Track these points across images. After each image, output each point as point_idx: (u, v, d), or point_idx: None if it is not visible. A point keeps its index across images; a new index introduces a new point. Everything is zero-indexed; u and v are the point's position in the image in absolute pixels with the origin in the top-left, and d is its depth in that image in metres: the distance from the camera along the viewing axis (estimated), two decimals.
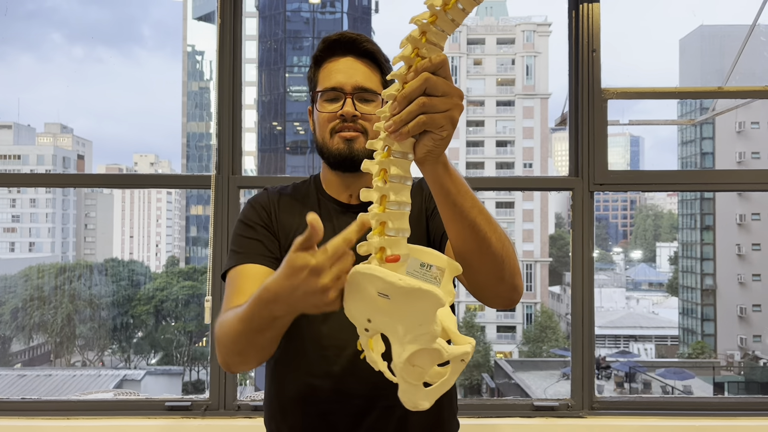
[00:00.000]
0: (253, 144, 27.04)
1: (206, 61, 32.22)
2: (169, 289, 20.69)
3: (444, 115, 0.82)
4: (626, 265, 42.39)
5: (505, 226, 34.72)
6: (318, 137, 1.25)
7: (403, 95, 0.81)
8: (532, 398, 2.19)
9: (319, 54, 1.25)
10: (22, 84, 70.12)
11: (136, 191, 33.36)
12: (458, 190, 0.92)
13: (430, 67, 0.80)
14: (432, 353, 0.80)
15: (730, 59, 2.62)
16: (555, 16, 39.82)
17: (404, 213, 0.83)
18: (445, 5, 0.77)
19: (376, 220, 0.83)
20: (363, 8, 30.85)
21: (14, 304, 19.82)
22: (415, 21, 0.79)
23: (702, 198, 30.08)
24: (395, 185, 0.83)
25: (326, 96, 1.22)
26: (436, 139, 0.83)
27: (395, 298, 0.78)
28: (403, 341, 0.80)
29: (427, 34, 0.79)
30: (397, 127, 0.82)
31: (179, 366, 19.94)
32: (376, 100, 1.22)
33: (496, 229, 0.96)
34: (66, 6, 73.49)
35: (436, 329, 0.78)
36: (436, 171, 0.89)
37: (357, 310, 0.83)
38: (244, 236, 1.24)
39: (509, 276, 1.00)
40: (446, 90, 0.81)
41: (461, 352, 0.82)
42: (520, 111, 37.39)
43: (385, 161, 0.83)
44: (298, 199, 1.29)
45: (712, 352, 26.44)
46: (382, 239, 0.82)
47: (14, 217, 28.96)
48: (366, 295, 0.81)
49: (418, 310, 0.78)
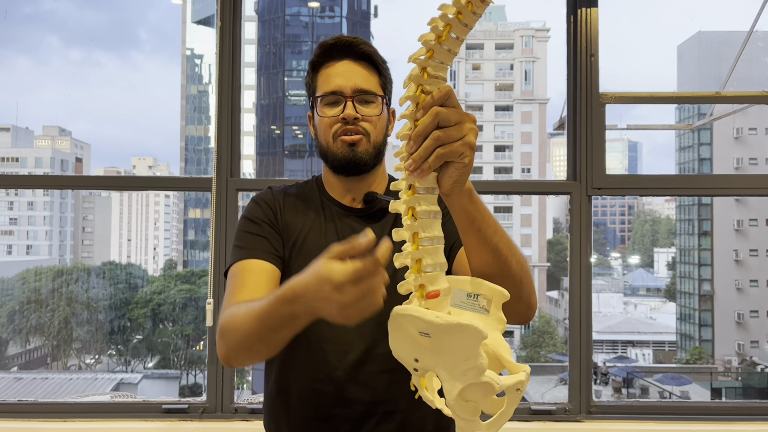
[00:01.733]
0: (251, 147, 27.04)
1: (205, 64, 32.22)
2: (166, 293, 20.64)
3: (461, 142, 0.83)
4: (624, 270, 42.39)
5: None
6: (321, 142, 1.24)
7: (416, 133, 0.82)
8: (530, 402, 2.19)
9: (317, 59, 1.25)
10: (21, 86, 70.12)
11: (134, 194, 33.35)
12: (482, 217, 0.95)
13: (437, 100, 0.82)
14: (483, 386, 0.79)
15: (727, 65, 2.62)
16: (553, 22, 39.95)
17: (438, 248, 0.84)
18: (438, 38, 0.79)
19: (412, 259, 0.83)
20: (362, 13, 30.90)
21: (11, 306, 19.77)
22: (413, 59, 0.81)
23: (700, 203, 30.13)
24: (425, 221, 0.83)
25: (326, 100, 1.22)
26: (459, 168, 0.85)
27: (436, 336, 0.78)
28: (452, 378, 0.80)
29: (428, 69, 0.81)
30: (418, 165, 0.83)
31: (176, 369, 19.88)
32: (375, 101, 1.23)
33: (515, 253, 1.00)
34: (64, 9, 73.59)
35: (482, 363, 0.78)
36: (462, 201, 0.91)
37: (403, 350, 0.83)
38: (248, 232, 1.23)
39: (526, 296, 1.03)
40: (458, 119, 0.83)
41: (515, 382, 0.81)
42: (518, 116, 37.48)
43: (411, 199, 0.84)
44: (303, 199, 1.29)
45: (710, 358, 26.43)
46: (420, 276, 0.83)
47: (11, 220, 28.91)
48: (408, 335, 0.81)
49: (461, 345, 0.78)
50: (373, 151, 1.22)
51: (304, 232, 1.24)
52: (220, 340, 1.07)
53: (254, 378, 15.24)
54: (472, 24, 0.80)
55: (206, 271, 4.27)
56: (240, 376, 4.29)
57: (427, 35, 0.80)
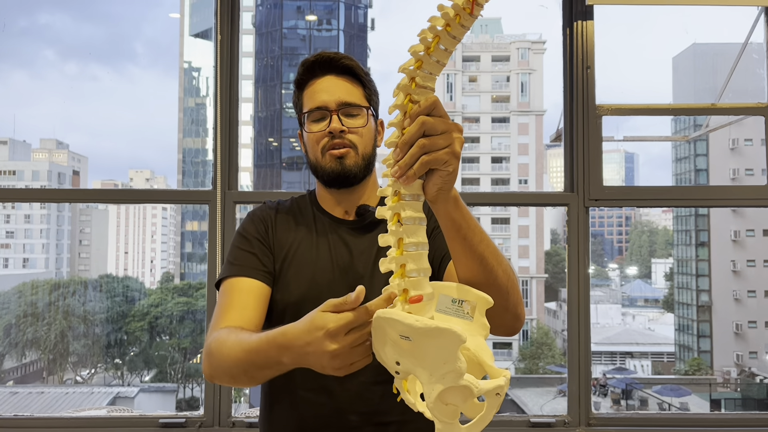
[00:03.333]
0: (249, 160, 27.08)
1: (203, 77, 32.32)
2: (163, 306, 20.56)
3: (446, 151, 0.85)
4: (622, 281, 42.38)
5: (501, 242, 34.74)
6: (311, 157, 1.27)
7: (403, 141, 0.85)
8: (529, 415, 2.18)
9: (301, 78, 1.28)
10: (18, 100, 70.23)
11: (131, 207, 33.27)
12: (468, 225, 0.96)
13: (424, 110, 0.84)
14: (462, 390, 0.80)
15: (722, 77, 2.64)
16: (549, 34, 40.18)
17: (422, 253, 0.86)
18: (427, 49, 0.81)
19: (396, 264, 0.85)
20: (359, 26, 31.07)
21: (7, 320, 19.67)
22: (402, 70, 0.84)
23: (697, 214, 30.18)
24: (409, 227, 0.86)
25: (313, 116, 1.24)
26: (444, 175, 0.87)
27: (416, 340, 0.80)
28: (431, 381, 0.81)
29: (416, 79, 0.83)
30: (403, 172, 0.85)
31: (173, 383, 19.77)
32: (361, 113, 1.24)
33: (501, 262, 1.00)
34: (60, 23, 73.90)
35: (460, 366, 0.79)
36: (447, 207, 0.92)
37: (385, 353, 0.85)
38: (240, 248, 1.25)
39: (513, 306, 1.03)
40: (444, 128, 0.84)
41: (494, 386, 0.81)
42: (515, 127, 37.60)
43: (396, 206, 0.87)
44: (295, 214, 1.31)
45: (709, 369, 26.37)
46: (404, 281, 0.85)
47: (8, 233, 28.83)
48: (390, 338, 0.82)
49: (440, 349, 0.79)
50: (362, 163, 1.24)
51: (295, 245, 1.26)
52: (207, 359, 1.10)
53: (251, 391, 15.15)
54: (461, 36, 0.81)
55: (203, 284, 4.22)
56: (237, 390, 4.30)
57: (416, 46, 0.82)
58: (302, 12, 30.21)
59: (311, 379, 1.19)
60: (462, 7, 0.79)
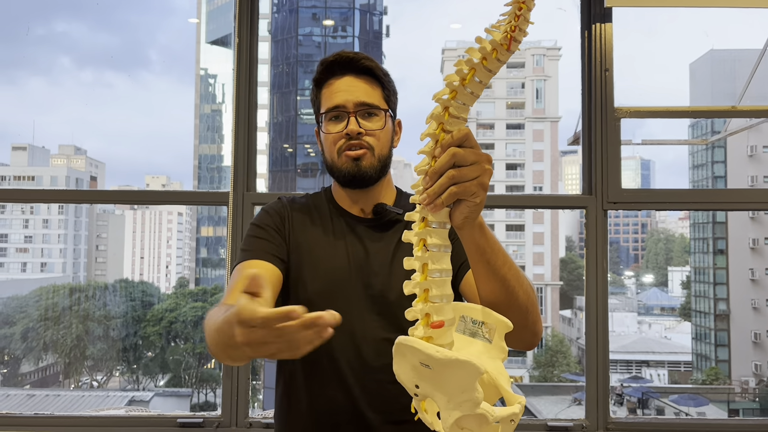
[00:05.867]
0: (264, 166, 27.21)
1: (218, 84, 32.57)
2: (178, 310, 20.68)
3: (474, 182, 0.86)
4: (638, 289, 41.99)
5: (515, 249, 34.57)
6: (327, 157, 1.27)
7: (433, 170, 0.86)
8: (546, 419, 2.17)
9: (319, 76, 1.28)
10: (36, 106, 71.19)
11: (147, 212, 33.54)
12: (492, 249, 0.99)
13: (455, 141, 0.86)
14: (478, 418, 0.83)
15: (740, 83, 2.62)
16: (565, 40, 40.03)
17: (446, 280, 0.87)
18: (462, 80, 0.83)
19: (420, 288, 0.87)
20: (374, 32, 31.17)
21: (25, 324, 19.88)
22: (436, 99, 0.86)
23: (714, 222, 29.85)
24: (435, 254, 0.87)
25: (330, 116, 1.25)
26: (471, 206, 0.89)
27: (435, 369, 0.82)
28: (448, 407, 0.84)
29: (450, 109, 0.85)
30: (431, 200, 0.86)
31: (188, 388, 19.85)
32: (379, 114, 1.25)
33: (522, 283, 1.03)
34: (76, 31, 74.99)
35: (477, 396, 0.81)
36: (473, 234, 0.96)
37: (405, 376, 0.87)
38: (253, 236, 1.26)
39: (531, 324, 1.07)
40: (474, 159, 0.86)
41: (509, 414, 0.84)
42: (530, 134, 37.46)
43: (422, 232, 0.88)
44: (311, 210, 1.32)
45: (727, 378, 26.02)
46: (427, 306, 0.86)
47: (27, 238, 29.18)
48: (410, 363, 0.85)
49: (459, 379, 0.81)
50: (377, 165, 1.25)
51: (312, 242, 1.27)
52: (206, 336, 1.07)
53: (265, 396, 15.18)
54: (496, 70, 0.83)
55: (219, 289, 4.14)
56: (252, 394, 4.34)
57: (451, 76, 0.83)
58: (318, 19, 30.37)
59: (329, 378, 1.20)
60: (500, 43, 0.80)
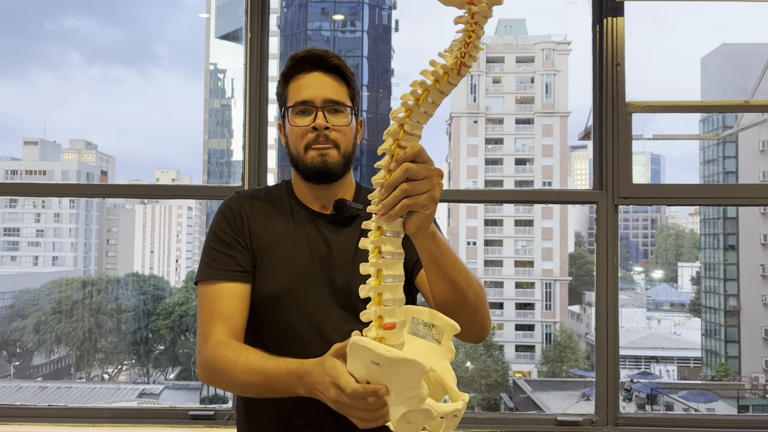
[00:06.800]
0: (273, 161, 27.26)
1: (228, 79, 32.64)
2: (188, 304, 20.80)
3: (425, 196, 0.94)
4: (647, 284, 41.78)
5: (524, 244, 34.46)
6: (292, 150, 1.29)
7: (388, 183, 0.94)
8: (556, 413, 2.17)
9: (288, 71, 1.31)
10: (47, 101, 71.56)
11: (157, 207, 33.69)
12: (444, 255, 1.07)
13: (409, 156, 0.93)
14: (423, 412, 0.90)
15: (752, 77, 2.60)
16: (575, 35, 39.77)
17: (398, 285, 0.96)
18: (417, 100, 0.91)
19: (374, 292, 0.95)
20: (383, 27, 31.12)
21: (37, 317, 20.05)
22: (392, 116, 0.94)
23: (725, 217, 29.64)
24: (388, 261, 0.95)
25: (297, 110, 1.27)
26: (423, 217, 0.96)
27: (385, 367, 0.90)
28: (396, 403, 0.91)
29: (405, 126, 0.92)
30: (386, 211, 0.94)
31: (197, 381, 19.98)
32: (345, 111, 1.28)
33: (471, 284, 1.12)
34: (85, 27, 75.31)
35: (422, 393, 0.89)
36: (425, 242, 1.04)
37: (358, 374, 0.95)
38: (216, 249, 1.28)
39: (480, 320, 1.16)
40: (426, 174, 0.94)
41: (452, 409, 0.92)
42: (539, 129, 37.27)
43: (378, 240, 0.96)
44: (272, 204, 1.33)
45: (736, 375, 25.88)
46: (380, 309, 0.94)
47: (39, 232, 29.40)
48: (363, 362, 0.93)
49: (406, 376, 0.89)
50: (342, 161, 1.28)
51: (274, 239, 1.28)
52: (209, 373, 1.17)
53: None
54: (448, 92, 0.91)
55: None
56: None
57: (406, 95, 0.92)
58: (327, 14, 30.34)
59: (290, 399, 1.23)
60: (450, 67, 0.89)
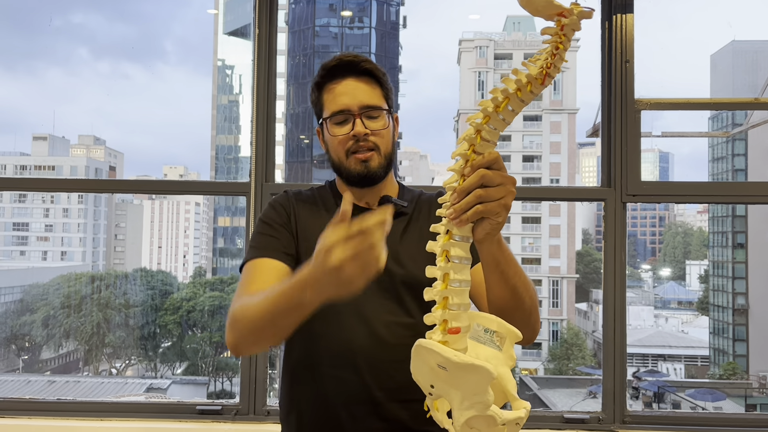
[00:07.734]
0: (280, 157, 27.30)
1: (236, 75, 32.68)
2: (195, 300, 20.88)
3: (498, 203, 0.94)
4: (655, 282, 41.62)
5: (532, 241, 34.39)
6: (333, 158, 1.31)
7: (461, 188, 0.93)
8: (563, 411, 2.17)
9: (320, 80, 1.31)
10: (56, 97, 71.93)
11: (165, 202, 33.82)
12: (507, 261, 1.07)
13: (485, 163, 0.93)
14: (488, 419, 0.90)
15: (762, 74, 2.59)
16: (584, 31, 39.41)
17: (464, 290, 0.95)
18: (496, 107, 0.90)
19: (440, 296, 0.94)
20: (391, 23, 31.06)
21: (46, 311, 20.19)
22: (470, 122, 0.93)
23: (734, 215, 29.47)
24: (456, 265, 0.94)
25: (335, 119, 1.28)
26: (493, 224, 0.96)
27: (452, 371, 0.89)
28: (461, 407, 0.91)
29: (482, 132, 0.92)
30: (457, 215, 0.94)
31: (204, 376, 20.07)
32: (381, 114, 1.29)
33: (529, 290, 1.13)
34: (93, 22, 75.63)
35: (488, 399, 0.89)
36: (491, 248, 1.04)
37: (422, 376, 0.95)
38: (262, 233, 1.30)
39: (533, 324, 1.17)
40: (500, 181, 0.93)
41: (515, 417, 0.92)
42: (547, 126, 37.15)
43: (446, 244, 0.95)
44: (317, 203, 1.35)
45: (744, 373, 25.77)
46: (445, 312, 0.93)
47: (47, 227, 29.57)
48: (427, 364, 0.93)
49: (473, 382, 0.89)
50: (384, 162, 1.29)
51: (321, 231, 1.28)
52: (231, 329, 1.14)
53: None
54: (529, 101, 0.90)
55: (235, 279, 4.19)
56: (269, 383, 4.33)
57: (485, 102, 0.91)
58: (335, 10, 30.32)
59: (336, 356, 1.23)
60: (535, 77, 0.89)
